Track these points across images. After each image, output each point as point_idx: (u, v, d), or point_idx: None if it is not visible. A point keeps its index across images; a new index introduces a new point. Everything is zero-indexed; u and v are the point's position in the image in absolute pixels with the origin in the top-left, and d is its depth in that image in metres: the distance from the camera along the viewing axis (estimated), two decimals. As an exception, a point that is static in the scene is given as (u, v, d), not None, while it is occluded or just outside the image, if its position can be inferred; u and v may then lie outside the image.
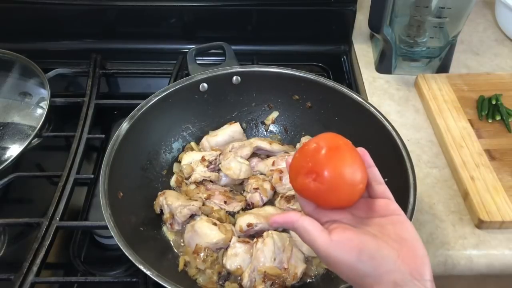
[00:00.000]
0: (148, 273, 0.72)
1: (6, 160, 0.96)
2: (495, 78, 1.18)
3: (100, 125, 1.16)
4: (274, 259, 0.81)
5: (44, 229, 0.88)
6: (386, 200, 0.64)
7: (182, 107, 1.02)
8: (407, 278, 0.55)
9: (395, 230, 0.59)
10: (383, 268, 0.55)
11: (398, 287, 0.54)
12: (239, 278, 0.83)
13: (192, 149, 1.04)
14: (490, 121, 1.06)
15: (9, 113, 1.08)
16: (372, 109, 0.94)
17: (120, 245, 0.74)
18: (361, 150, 0.66)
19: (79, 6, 1.28)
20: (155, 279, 0.71)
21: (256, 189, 0.93)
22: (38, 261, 0.84)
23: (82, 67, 1.25)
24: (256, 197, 0.93)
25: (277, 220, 0.62)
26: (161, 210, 0.92)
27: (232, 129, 1.05)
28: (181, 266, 0.85)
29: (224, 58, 1.11)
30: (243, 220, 0.86)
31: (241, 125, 1.06)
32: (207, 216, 0.90)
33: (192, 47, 1.11)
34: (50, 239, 0.87)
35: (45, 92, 1.08)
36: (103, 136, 1.09)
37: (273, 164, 0.99)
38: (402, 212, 0.63)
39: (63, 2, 1.26)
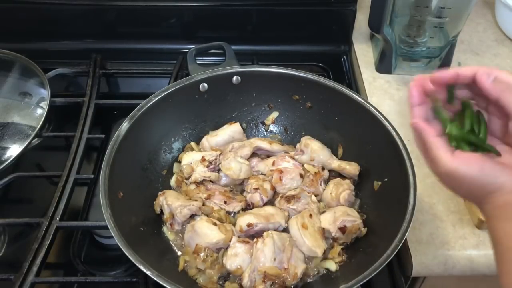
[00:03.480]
0: (148, 273, 0.72)
1: (6, 160, 0.96)
2: (495, 78, 1.18)
3: (100, 125, 1.16)
4: (274, 259, 0.81)
5: (44, 229, 0.89)
6: None
7: (182, 107, 1.02)
8: None
9: (506, 157, 0.63)
10: (502, 178, 0.60)
11: None
12: (239, 278, 0.83)
13: (192, 149, 1.03)
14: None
15: (9, 113, 1.08)
16: (372, 109, 0.94)
17: (120, 245, 0.74)
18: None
19: (79, 6, 1.28)
20: (155, 279, 0.71)
21: (256, 189, 0.93)
22: (38, 261, 0.84)
23: (82, 67, 1.25)
24: (256, 197, 0.93)
25: (418, 124, 0.65)
26: (161, 210, 0.92)
27: (232, 129, 1.04)
28: (181, 266, 0.85)
29: (224, 58, 1.11)
30: (243, 220, 0.86)
31: (241, 125, 1.06)
32: (207, 216, 0.90)
33: (192, 47, 1.11)
34: (50, 239, 0.87)
35: (45, 92, 1.08)
36: (103, 136, 1.09)
37: (273, 164, 0.99)
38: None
39: (63, 2, 1.26)
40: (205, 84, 1.02)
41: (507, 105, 0.61)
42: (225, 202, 0.93)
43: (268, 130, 1.10)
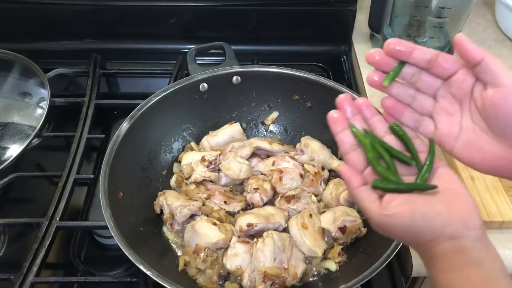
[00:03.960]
0: (148, 273, 0.72)
1: (6, 160, 0.96)
2: (495, 78, 1.18)
3: (100, 125, 1.16)
4: (274, 259, 0.81)
5: (44, 229, 0.89)
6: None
7: (182, 107, 1.02)
8: (461, 230, 0.55)
9: (443, 183, 0.59)
10: (437, 224, 0.55)
11: (454, 239, 0.55)
12: (239, 278, 0.83)
13: (192, 149, 1.04)
14: None
15: (9, 113, 1.08)
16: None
17: (120, 245, 0.74)
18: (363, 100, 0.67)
19: (79, 6, 1.28)
20: (155, 279, 0.71)
21: (256, 189, 0.93)
22: (38, 261, 0.84)
23: (82, 67, 1.25)
24: (256, 197, 0.93)
25: (343, 172, 0.62)
26: (161, 210, 0.92)
27: (232, 129, 1.05)
28: (181, 266, 0.85)
29: (224, 58, 1.11)
30: (243, 220, 0.86)
31: (241, 125, 1.06)
32: (207, 216, 0.90)
33: (192, 47, 1.11)
34: (50, 239, 0.87)
35: (45, 92, 1.08)
36: (103, 136, 1.09)
37: (273, 164, 0.99)
38: (445, 164, 0.63)
39: (63, 2, 1.26)
40: (205, 84, 1.02)
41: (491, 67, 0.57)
42: (225, 202, 0.93)
43: (268, 130, 1.10)
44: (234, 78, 1.04)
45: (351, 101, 0.67)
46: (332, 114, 0.67)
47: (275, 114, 1.09)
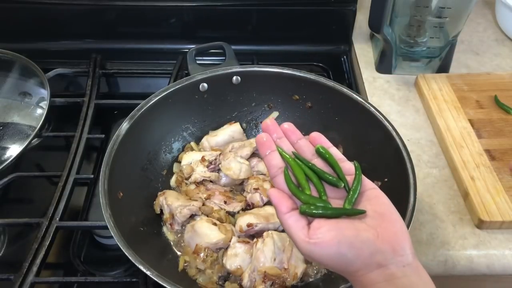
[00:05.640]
0: (148, 273, 0.72)
1: (6, 160, 0.96)
2: (495, 78, 1.18)
3: (100, 125, 1.16)
4: (274, 259, 0.81)
5: (44, 229, 0.88)
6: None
7: (182, 107, 1.02)
8: (389, 257, 0.54)
9: (371, 206, 0.59)
10: (365, 252, 0.55)
11: (382, 267, 0.54)
12: (239, 278, 0.83)
13: (192, 149, 1.03)
14: None
15: (9, 113, 1.08)
16: (372, 109, 0.94)
17: (120, 245, 0.74)
18: (315, 134, 0.68)
19: (79, 6, 1.28)
20: (155, 279, 0.71)
21: (256, 189, 0.93)
22: (38, 261, 0.84)
23: (82, 67, 1.25)
24: (256, 197, 0.93)
25: (272, 197, 0.62)
26: (161, 210, 0.92)
27: (232, 129, 1.05)
28: (181, 266, 0.85)
29: (224, 58, 1.11)
30: (243, 220, 0.86)
31: (241, 125, 1.06)
32: (207, 216, 0.90)
33: (192, 47, 1.11)
34: (50, 239, 0.87)
35: (45, 92, 1.08)
36: (103, 136, 1.09)
37: (273, 164, 0.99)
38: (374, 185, 0.62)
39: (63, 2, 1.26)
40: (205, 84, 1.02)
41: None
42: (225, 202, 0.93)
43: (268, 130, 1.10)
44: (234, 78, 1.04)
45: (276, 126, 0.68)
46: (261, 137, 0.67)
47: (275, 114, 1.09)
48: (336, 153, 0.66)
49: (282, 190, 0.63)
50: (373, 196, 0.60)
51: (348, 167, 0.64)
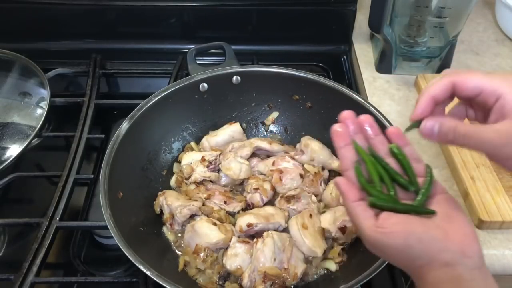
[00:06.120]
0: (148, 273, 0.72)
1: (6, 160, 0.96)
2: (495, 78, 1.18)
3: (100, 125, 1.16)
4: (274, 259, 0.81)
5: (44, 229, 0.88)
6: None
7: (182, 107, 1.02)
8: (458, 256, 0.54)
9: (441, 208, 0.58)
10: (433, 249, 0.54)
11: (449, 267, 0.53)
12: (239, 278, 0.82)
13: (192, 149, 1.03)
14: None
15: (9, 113, 1.08)
16: (372, 109, 0.94)
17: (120, 245, 0.74)
18: (393, 130, 0.65)
19: (79, 6, 1.28)
20: (155, 279, 0.71)
21: (256, 189, 0.93)
22: (38, 261, 0.84)
23: (82, 67, 1.25)
24: (256, 197, 0.93)
25: (340, 185, 0.61)
26: (161, 210, 0.92)
27: (232, 129, 1.05)
28: (181, 266, 0.85)
29: (224, 58, 1.11)
30: (243, 220, 0.86)
31: (241, 125, 1.06)
32: (207, 216, 0.90)
33: (192, 47, 1.11)
34: (50, 239, 0.87)
35: (45, 92, 1.08)
36: (103, 136, 1.09)
37: (273, 164, 0.99)
38: (445, 190, 0.62)
39: (63, 2, 1.26)
40: (205, 84, 1.02)
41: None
42: (225, 202, 0.93)
43: (268, 130, 1.10)
44: (234, 78, 1.04)
45: (354, 118, 0.67)
46: (336, 128, 0.66)
47: (275, 114, 1.09)
48: (411, 152, 0.64)
49: (351, 182, 0.62)
50: (443, 200, 0.60)
51: (420, 168, 0.63)
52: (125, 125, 0.91)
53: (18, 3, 1.26)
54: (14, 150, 0.99)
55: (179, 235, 0.90)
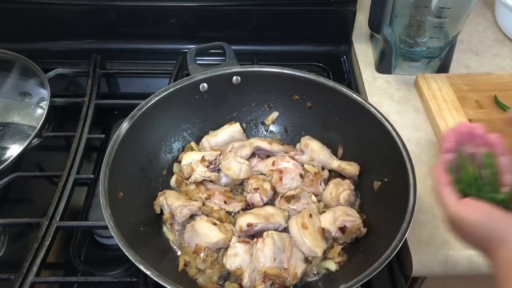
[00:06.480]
0: (148, 273, 0.72)
1: (6, 160, 0.96)
2: (495, 78, 1.18)
3: (100, 125, 1.16)
4: (274, 259, 0.81)
5: (44, 229, 0.89)
6: None
7: (182, 107, 1.02)
8: None
9: None
10: (510, 227, 0.57)
11: None
12: (239, 278, 0.83)
13: (192, 149, 1.03)
14: None
15: (9, 113, 1.08)
16: (372, 109, 0.94)
17: (120, 245, 0.74)
18: (494, 138, 0.70)
19: (79, 6, 1.28)
20: (155, 279, 0.71)
21: (256, 189, 0.93)
22: (38, 261, 0.84)
23: (82, 67, 1.25)
24: (256, 197, 0.93)
25: (437, 168, 0.68)
26: (161, 210, 0.92)
27: (232, 129, 1.05)
28: (181, 266, 0.85)
29: (224, 58, 1.11)
30: (243, 220, 0.86)
31: (241, 125, 1.06)
32: (207, 216, 0.90)
33: (192, 47, 1.11)
34: (50, 239, 0.88)
35: (45, 92, 1.08)
36: (103, 136, 1.09)
37: (273, 164, 0.99)
38: None
39: (63, 2, 1.27)
40: (205, 84, 1.02)
41: None
42: (225, 202, 0.93)
43: (268, 130, 1.10)
44: (234, 78, 1.04)
45: (479, 136, 0.71)
46: (450, 132, 0.71)
47: (275, 114, 1.09)
48: (505, 162, 0.68)
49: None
50: None
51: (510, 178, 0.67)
52: (125, 125, 0.91)
53: (18, 3, 1.26)
54: (14, 150, 0.99)
55: (179, 235, 0.90)
